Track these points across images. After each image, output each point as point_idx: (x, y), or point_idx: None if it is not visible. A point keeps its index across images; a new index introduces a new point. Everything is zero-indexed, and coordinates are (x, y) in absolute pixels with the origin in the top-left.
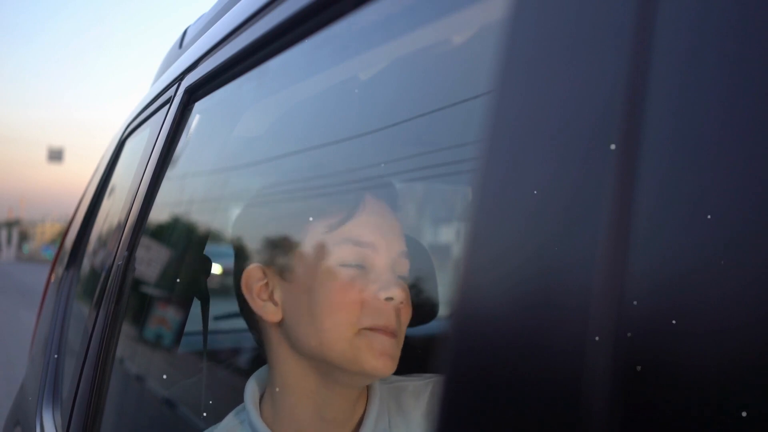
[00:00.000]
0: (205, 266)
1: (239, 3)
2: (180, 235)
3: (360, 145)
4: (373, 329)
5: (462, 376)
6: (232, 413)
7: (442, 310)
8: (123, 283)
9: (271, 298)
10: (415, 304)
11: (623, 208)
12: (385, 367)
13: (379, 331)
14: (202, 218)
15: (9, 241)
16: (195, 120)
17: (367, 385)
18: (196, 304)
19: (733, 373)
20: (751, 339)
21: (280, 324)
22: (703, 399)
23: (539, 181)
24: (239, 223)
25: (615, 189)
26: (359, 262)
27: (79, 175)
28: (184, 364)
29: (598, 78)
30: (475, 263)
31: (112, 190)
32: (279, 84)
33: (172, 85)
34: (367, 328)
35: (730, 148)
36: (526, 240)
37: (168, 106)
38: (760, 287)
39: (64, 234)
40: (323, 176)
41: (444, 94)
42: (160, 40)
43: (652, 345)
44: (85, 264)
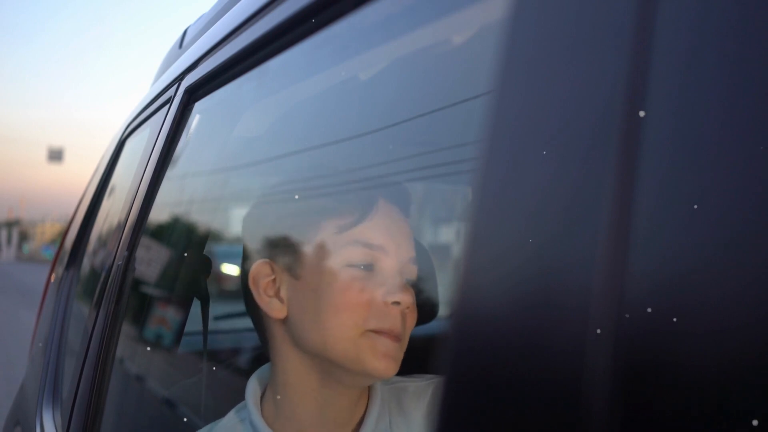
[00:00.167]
0: (205, 266)
1: (239, 3)
2: (180, 235)
3: (360, 145)
4: (378, 332)
5: (462, 377)
6: (233, 411)
7: (442, 310)
8: (123, 283)
9: (278, 294)
10: (416, 305)
11: (623, 208)
12: (387, 369)
13: (384, 334)
14: (202, 218)
15: (9, 241)
16: (195, 120)
17: (369, 386)
18: (196, 304)
19: (733, 373)
20: (751, 339)
21: (284, 321)
22: (703, 399)
23: (539, 181)
24: (249, 219)
25: (615, 189)
26: (368, 265)
27: (79, 175)
28: (184, 364)
29: (598, 78)
30: (475, 263)
31: (112, 190)
32: (279, 84)
33: (172, 85)
34: (372, 330)
35: (730, 148)
36: (526, 240)
37: (168, 106)
38: (760, 287)
39: (64, 234)
40: (323, 176)
41: (444, 94)
42: (160, 40)
43: (652, 345)
44: (85, 264)
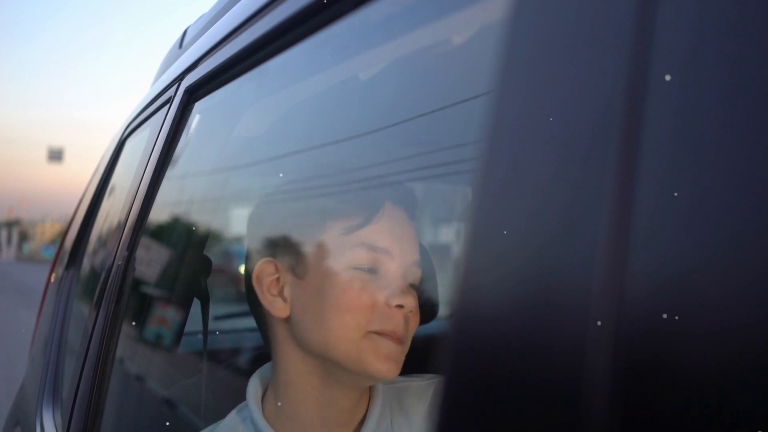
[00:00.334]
0: (205, 266)
1: (239, 3)
2: (180, 235)
3: (360, 145)
4: (381, 333)
5: (463, 376)
6: (234, 411)
7: (443, 310)
8: (123, 283)
9: (281, 293)
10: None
11: (623, 208)
12: (389, 371)
13: (387, 337)
14: (202, 218)
15: (9, 241)
16: (195, 120)
17: (370, 386)
18: (196, 304)
19: (733, 373)
20: (751, 339)
21: (287, 320)
22: (703, 399)
23: (539, 181)
24: (254, 217)
25: (615, 189)
26: (373, 267)
27: (79, 175)
28: (184, 364)
29: (598, 78)
30: (475, 263)
31: (112, 190)
32: (279, 84)
33: (172, 85)
34: (374, 332)
35: (730, 148)
36: (526, 240)
37: (168, 106)
38: (760, 287)
39: (64, 234)
40: (323, 177)
41: (444, 94)
42: (160, 40)
43: (652, 345)
44: (85, 264)
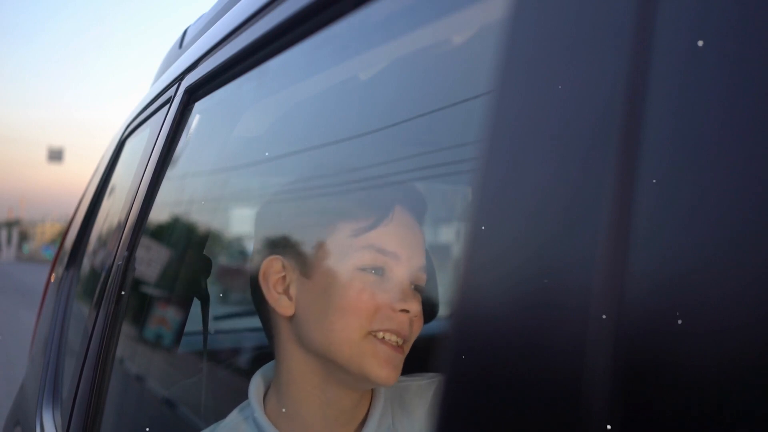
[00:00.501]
0: (205, 266)
1: (239, 3)
2: (180, 235)
3: (360, 145)
4: (385, 332)
5: (464, 376)
6: (236, 409)
7: (442, 310)
8: (123, 283)
9: (287, 292)
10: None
11: (623, 208)
12: (388, 377)
13: (388, 345)
14: (202, 218)
15: (9, 241)
16: (195, 120)
17: None
18: (196, 304)
19: (733, 373)
20: (751, 339)
21: (291, 318)
22: (703, 399)
23: (539, 181)
24: (262, 215)
25: (615, 189)
26: (380, 270)
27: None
28: (184, 364)
29: (598, 78)
30: (475, 263)
31: (112, 190)
32: (279, 84)
33: (172, 85)
34: (377, 331)
35: (730, 148)
36: (526, 240)
37: (168, 106)
38: (760, 287)
39: (64, 234)
40: (322, 177)
41: (444, 94)
42: (160, 40)
43: (652, 345)
44: (85, 264)
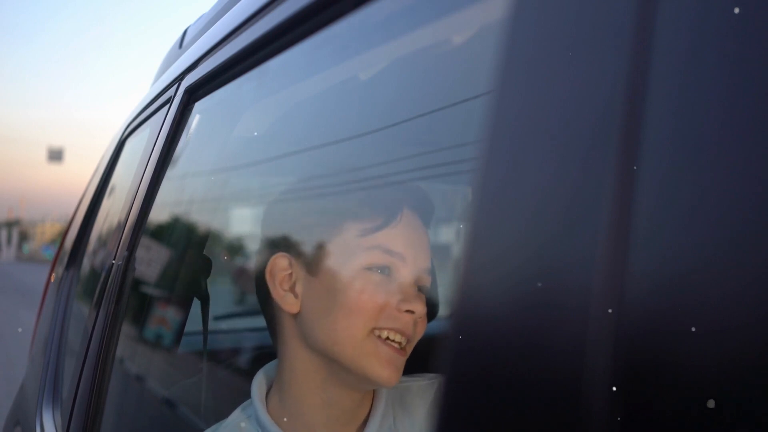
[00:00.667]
0: (205, 266)
1: (239, 3)
2: (180, 235)
3: (360, 145)
4: (389, 330)
5: (464, 376)
6: (238, 408)
7: (442, 310)
8: (123, 283)
9: (293, 289)
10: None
11: (623, 208)
12: (389, 378)
13: (391, 346)
14: (202, 218)
15: (9, 241)
16: (195, 120)
17: None
18: (196, 304)
19: (733, 373)
20: (751, 339)
21: (296, 316)
22: (703, 399)
23: (539, 181)
24: (270, 212)
25: (615, 189)
26: (386, 270)
27: (79, 175)
28: (184, 364)
29: (598, 78)
30: (475, 263)
31: (112, 190)
32: (279, 84)
33: (172, 85)
34: (381, 330)
35: (730, 148)
36: (526, 240)
37: (168, 106)
38: (760, 287)
39: (64, 234)
40: (324, 177)
41: (444, 94)
42: (160, 40)
43: (652, 345)
44: (85, 264)
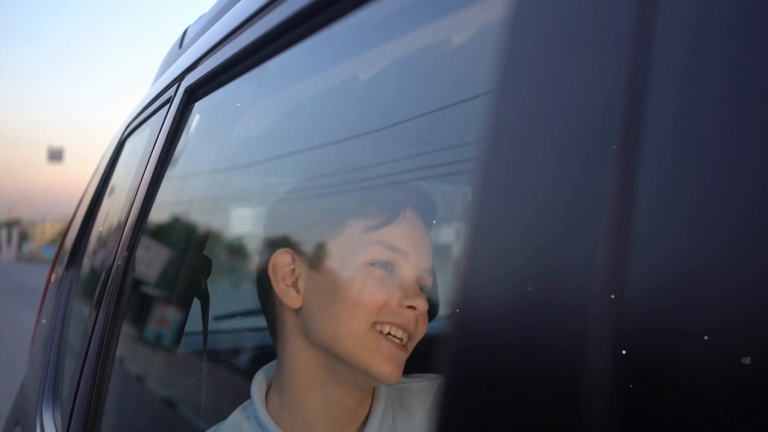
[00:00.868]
0: (205, 266)
1: (239, 3)
2: (180, 235)
3: (360, 145)
4: (391, 325)
5: (464, 376)
6: (238, 409)
7: (443, 310)
8: (123, 283)
9: (295, 284)
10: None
11: (623, 208)
12: (391, 374)
13: (392, 342)
14: (202, 218)
15: (9, 241)
16: (195, 120)
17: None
18: (196, 304)
19: (733, 373)
20: (751, 339)
21: (298, 311)
22: (703, 399)
23: (539, 181)
24: (274, 209)
25: (615, 189)
26: (389, 266)
27: (79, 175)
28: (184, 364)
29: (598, 78)
30: (475, 263)
31: (112, 190)
32: (279, 84)
33: (172, 85)
34: (383, 324)
35: (730, 148)
36: (526, 240)
37: (168, 106)
38: (760, 287)
39: (64, 234)
40: (324, 176)
41: (444, 94)
42: (160, 40)
43: (652, 345)
44: (85, 264)
